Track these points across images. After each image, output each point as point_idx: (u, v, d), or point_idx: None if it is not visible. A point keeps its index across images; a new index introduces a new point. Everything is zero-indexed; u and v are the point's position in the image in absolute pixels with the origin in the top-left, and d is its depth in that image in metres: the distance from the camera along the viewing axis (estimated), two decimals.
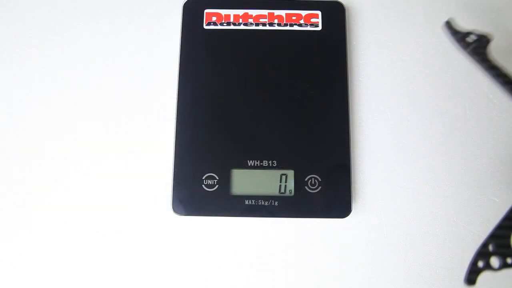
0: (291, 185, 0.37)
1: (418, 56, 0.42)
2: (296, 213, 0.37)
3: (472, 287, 0.29)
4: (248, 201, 0.37)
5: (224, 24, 0.41)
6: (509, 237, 0.29)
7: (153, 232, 0.38)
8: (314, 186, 0.37)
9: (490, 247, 0.29)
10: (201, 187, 0.37)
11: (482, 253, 0.29)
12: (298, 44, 0.40)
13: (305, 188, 0.37)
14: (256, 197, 0.37)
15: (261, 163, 0.38)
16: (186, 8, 0.42)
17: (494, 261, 0.29)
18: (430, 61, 0.42)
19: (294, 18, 0.41)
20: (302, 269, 0.37)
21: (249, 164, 0.37)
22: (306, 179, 0.37)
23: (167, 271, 0.37)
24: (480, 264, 0.29)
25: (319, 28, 0.41)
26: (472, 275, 0.29)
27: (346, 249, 0.37)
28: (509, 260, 0.29)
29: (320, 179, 0.37)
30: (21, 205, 0.38)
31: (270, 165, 0.37)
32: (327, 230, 0.38)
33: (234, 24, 0.41)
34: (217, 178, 0.37)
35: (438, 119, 0.40)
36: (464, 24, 0.37)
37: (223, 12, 0.41)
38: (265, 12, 0.41)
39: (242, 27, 0.41)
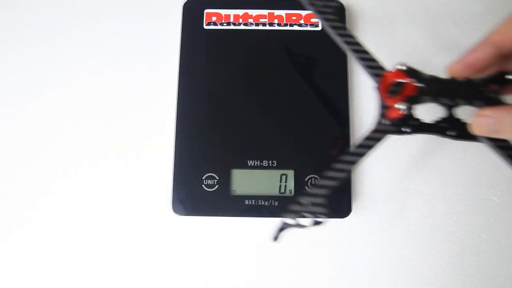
0: (291, 185, 0.37)
1: (418, 56, 0.42)
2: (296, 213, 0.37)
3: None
4: (248, 201, 0.37)
5: (224, 24, 0.41)
6: (322, 197, 0.29)
7: (153, 232, 0.38)
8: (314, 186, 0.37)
9: (304, 205, 0.29)
10: (201, 187, 0.37)
11: (293, 211, 0.29)
12: (298, 44, 0.40)
13: (305, 188, 0.37)
14: (256, 197, 0.37)
15: (261, 163, 0.38)
16: (186, 8, 0.42)
17: (306, 219, 0.28)
18: (430, 60, 0.42)
19: (294, 18, 0.41)
20: (302, 269, 0.37)
21: (249, 164, 0.37)
22: (306, 179, 0.37)
23: (167, 271, 0.37)
24: (291, 221, 0.28)
25: (319, 28, 0.41)
26: (279, 232, 0.28)
27: (346, 249, 0.37)
28: (319, 218, 0.28)
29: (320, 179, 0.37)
30: (22, 205, 0.38)
31: (270, 165, 0.37)
32: (327, 230, 0.38)
33: (234, 24, 0.41)
34: (217, 178, 0.37)
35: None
36: None
37: (223, 12, 0.41)
38: (265, 12, 0.41)
39: (242, 27, 0.41)
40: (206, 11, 0.41)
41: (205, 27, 0.41)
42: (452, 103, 0.28)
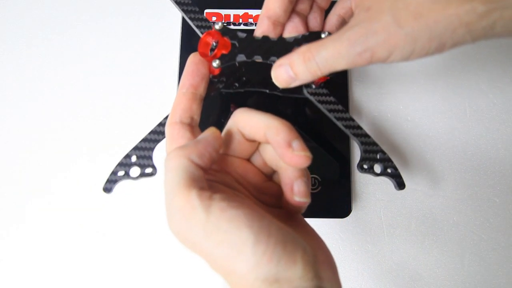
0: None
1: None
2: None
3: (108, 195, 0.30)
4: None
5: (224, 24, 0.41)
6: (149, 150, 0.30)
7: (153, 232, 0.38)
8: (314, 186, 0.37)
9: (133, 159, 0.30)
10: None
11: (123, 164, 0.30)
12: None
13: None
14: None
15: None
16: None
17: (134, 171, 0.29)
18: (430, 61, 0.42)
19: None
20: None
21: None
22: None
23: (167, 271, 0.37)
24: (121, 173, 0.29)
25: None
26: (110, 183, 0.29)
27: (346, 249, 0.37)
28: (148, 170, 0.30)
29: (320, 179, 0.37)
30: (24, 204, 0.38)
31: None
32: (327, 230, 0.38)
33: (234, 24, 0.41)
34: None
35: (438, 119, 0.40)
36: None
37: (223, 12, 0.41)
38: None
39: (242, 27, 0.41)
40: (206, 11, 0.41)
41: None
42: (266, 60, 0.30)
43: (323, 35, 0.30)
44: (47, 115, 0.40)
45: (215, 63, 0.29)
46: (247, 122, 0.24)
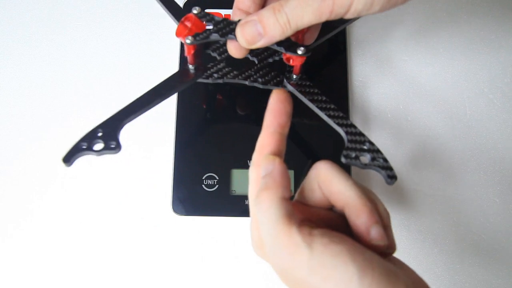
0: (291, 185, 0.37)
1: (418, 56, 0.42)
2: None
3: (67, 166, 0.29)
4: (248, 201, 0.37)
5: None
6: (116, 128, 0.30)
7: (153, 232, 0.38)
8: None
9: (99, 133, 0.29)
10: (201, 187, 0.37)
11: (88, 137, 0.29)
12: None
13: None
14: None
15: None
16: (187, 8, 0.41)
17: (98, 146, 0.29)
18: (430, 61, 0.42)
19: None
20: None
21: (249, 164, 0.37)
22: None
23: (167, 271, 0.37)
24: (84, 145, 0.29)
25: None
26: (71, 155, 0.28)
27: None
28: (112, 145, 0.29)
29: None
30: (22, 205, 0.38)
31: None
32: None
33: None
34: (217, 178, 0.37)
35: (438, 119, 0.40)
36: None
37: (223, 12, 0.41)
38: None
39: None
40: (206, 11, 0.41)
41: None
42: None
43: (299, 52, 0.29)
44: (47, 115, 0.40)
45: (188, 40, 0.30)
46: (328, 186, 0.24)
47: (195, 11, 0.31)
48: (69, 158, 0.28)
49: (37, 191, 0.39)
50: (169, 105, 0.39)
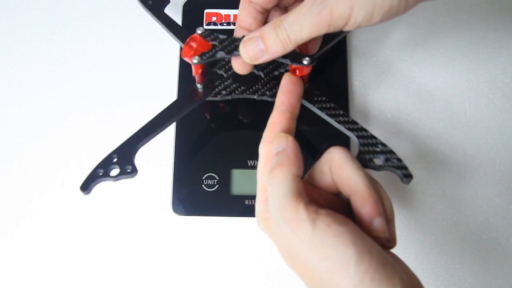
0: None
1: (418, 56, 0.42)
2: None
3: (86, 194, 0.29)
4: (248, 201, 0.37)
5: (224, 24, 0.41)
6: (131, 152, 0.30)
7: (153, 232, 0.38)
8: None
9: (114, 159, 0.30)
10: (201, 187, 0.37)
11: (103, 164, 0.30)
12: None
13: None
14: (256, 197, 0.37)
15: None
16: (186, 8, 0.42)
17: (114, 171, 0.30)
18: (430, 61, 0.42)
19: None
20: None
21: (249, 164, 0.37)
22: None
23: (167, 271, 0.37)
24: (100, 172, 0.29)
25: None
26: (88, 183, 0.29)
27: None
28: (128, 170, 0.30)
29: None
30: (21, 205, 0.38)
31: None
32: None
33: (234, 24, 0.41)
34: (217, 178, 0.37)
35: (438, 119, 0.40)
36: None
37: (223, 12, 0.41)
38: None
39: None
40: (206, 11, 0.41)
41: (205, 27, 0.41)
42: None
43: (304, 62, 0.30)
44: (47, 115, 0.40)
45: (195, 60, 0.30)
46: (339, 171, 0.24)
47: (199, 32, 0.31)
48: (87, 186, 0.29)
49: (37, 191, 0.39)
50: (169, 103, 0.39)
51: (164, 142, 0.39)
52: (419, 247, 0.37)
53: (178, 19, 0.41)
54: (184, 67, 0.40)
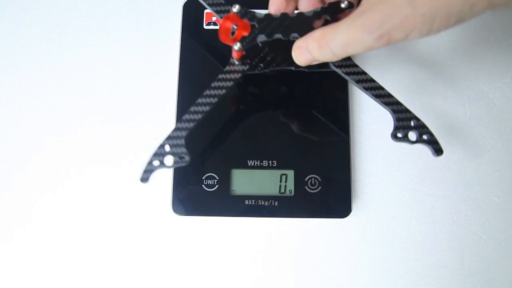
0: (291, 185, 0.37)
1: (418, 55, 0.42)
2: (296, 213, 0.37)
3: (145, 184, 0.31)
4: (248, 201, 0.37)
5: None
6: (182, 138, 0.31)
7: (154, 232, 0.38)
8: (314, 186, 0.37)
9: (167, 148, 0.31)
10: (201, 187, 0.37)
11: (158, 154, 0.31)
12: None
13: (305, 188, 0.37)
14: (256, 197, 0.37)
15: (261, 163, 0.37)
16: (186, 8, 0.42)
17: (168, 160, 0.31)
18: (430, 60, 0.42)
19: None
20: (302, 269, 0.37)
21: (249, 164, 0.37)
22: (306, 179, 0.37)
23: (167, 271, 0.37)
24: (156, 163, 0.30)
25: None
26: (146, 173, 0.30)
27: (346, 249, 0.37)
28: (182, 157, 0.31)
29: (320, 179, 0.37)
30: (23, 205, 0.38)
31: (270, 165, 0.37)
32: (327, 230, 0.38)
33: None
34: (217, 178, 0.37)
35: (438, 119, 0.40)
36: None
37: None
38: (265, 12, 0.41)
39: None
40: (206, 11, 0.41)
41: (205, 27, 0.41)
42: (286, 38, 0.29)
43: (342, 5, 0.29)
44: (47, 116, 0.40)
45: (237, 46, 0.29)
46: None
47: (235, 10, 0.30)
48: (146, 177, 0.30)
49: (37, 191, 0.39)
50: (170, 104, 0.39)
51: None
52: (419, 247, 0.37)
53: (178, 19, 0.41)
54: (184, 68, 0.40)
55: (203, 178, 0.37)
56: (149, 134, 0.40)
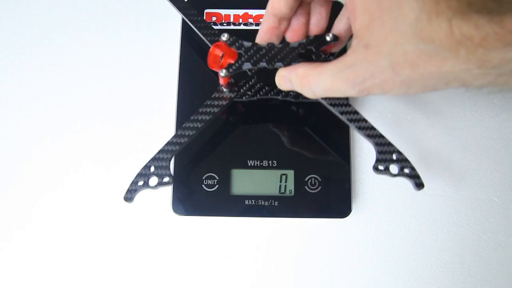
0: (291, 185, 0.37)
1: None
2: (296, 213, 0.37)
3: (130, 204, 0.32)
4: (248, 201, 0.37)
5: (224, 24, 0.41)
6: (166, 160, 0.32)
7: (154, 233, 0.38)
8: (314, 186, 0.37)
9: (152, 169, 0.32)
10: (201, 187, 0.37)
11: (142, 174, 0.32)
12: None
13: (305, 188, 0.37)
14: (256, 197, 0.37)
15: (261, 163, 0.38)
16: (186, 7, 0.41)
17: (153, 181, 0.32)
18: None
19: None
20: (302, 269, 0.37)
21: (249, 164, 0.37)
22: (306, 179, 0.37)
23: (167, 271, 0.37)
24: (140, 183, 0.32)
25: None
26: (130, 193, 0.32)
27: (346, 249, 0.37)
28: (166, 179, 0.32)
29: (320, 179, 0.37)
30: (23, 206, 0.38)
31: (270, 165, 0.37)
32: (327, 230, 0.38)
33: (234, 24, 0.41)
34: (217, 178, 0.37)
35: (438, 119, 0.40)
36: None
37: (223, 12, 0.41)
38: (265, 12, 0.41)
39: (242, 27, 0.41)
40: (206, 11, 0.41)
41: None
42: (271, 67, 0.30)
43: (328, 38, 0.30)
44: (47, 116, 0.40)
45: (222, 73, 0.30)
46: None
47: (224, 38, 0.31)
48: (130, 196, 0.32)
49: (38, 191, 0.39)
50: (170, 104, 0.39)
51: (164, 142, 0.39)
52: (419, 247, 0.37)
53: (178, 19, 0.41)
54: (184, 68, 0.40)
55: (203, 178, 0.37)
56: (150, 133, 0.40)
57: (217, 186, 0.37)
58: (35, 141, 0.40)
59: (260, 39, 0.31)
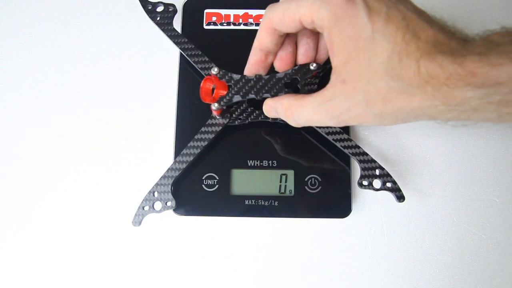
0: (291, 185, 0.37)
1: None
2: (296, 213, 0.37)
3: (137, 228, 0.35)
4: (248, 201, 0.37)
5: (224, 24, 0.41)
6: (168, 185, 0.35)
7: (154, 233, 0.38)
8: (314, 186, 0.37)
9: (155, 194, 0.35)
10: (201, 187, 0.37)
11: (147, 199, 0.35)
12: None
13: (305, 188, 0.37)
14: (256, 197, 0.37)
15: (261, 163, 0.38)
16: (186, 8, 0.42)
17: (157, 205, 0.35)
18: None
19: None
20: (302, 269, 0.37)
21: (249, 164, 0.38)
22: (306, 179, 0.37)
23: (167, 271, 0.37)
24: (146, 208, 0.35)
25: None
26: (138, 217, 0.35)
27: (346, 249, 0.37)
28: (169, 204, 0.35)
29: (320, 179, 0.37)
30: (23, 206, 0.38)
31: (270, 165, 0.37)
32: (327, 230, 0.38)
33: (234, 24, 0.41)
34: (217, 178, 0.37)
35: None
36: None
37: (223, 12, 0.41)
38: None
39: (242, 27, 0.41)
40: (206, 11, 0.41)
41: (205, 27, 0.41)
42: (259, 98, 0.33)
43: (312, 67, 0.32)
44: (47, 118, 0.40)
45: (215, 107, 0.33)
46: None
47: (214, 72, 0.34)
48: (138, 221, 0.35)
49: (37, 191, 0.39)
50: (169, 104, 0.39)
51: (164, 142, 0.39)
52: (419, 247, 0.37)
53: (178, 19, 0.41)
54: (185, 67, 0.40)
55: (203, 178, 0.37)
56: (150, 133, 0.40)
57: (217, 186, 0.37)
58: (35, 141, 0.40)
59: (248, 71, 0.33)
